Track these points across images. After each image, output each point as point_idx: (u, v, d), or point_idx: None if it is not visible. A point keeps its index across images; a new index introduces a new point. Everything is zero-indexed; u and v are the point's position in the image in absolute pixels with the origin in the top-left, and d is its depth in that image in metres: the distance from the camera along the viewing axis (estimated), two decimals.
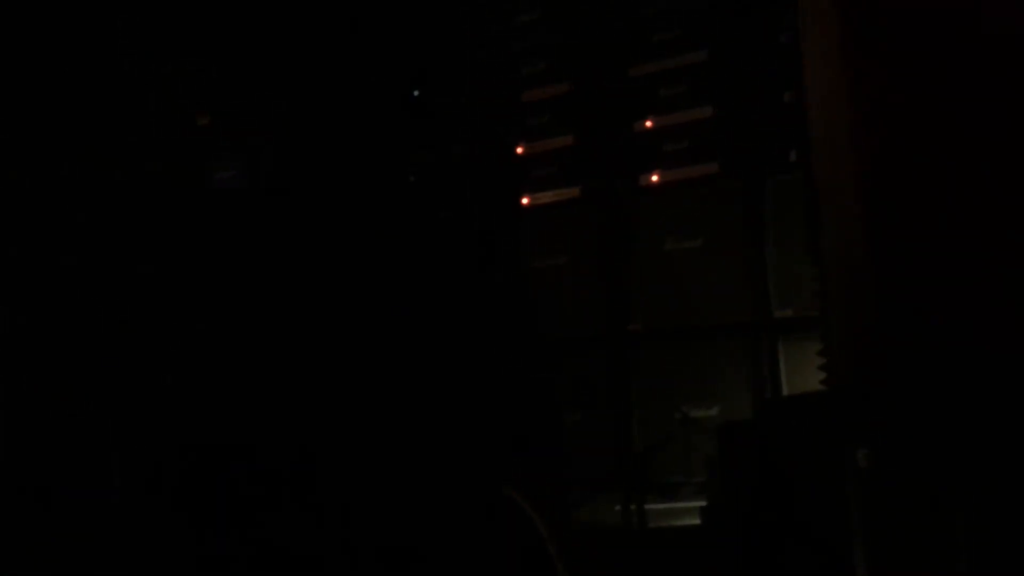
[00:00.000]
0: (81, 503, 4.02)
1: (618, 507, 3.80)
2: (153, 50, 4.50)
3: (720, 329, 3.80)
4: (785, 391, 3.69)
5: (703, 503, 3.28)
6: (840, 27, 2.54)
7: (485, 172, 4.27)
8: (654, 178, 3.96)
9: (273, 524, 3.39)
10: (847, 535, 2.39)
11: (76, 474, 4.11)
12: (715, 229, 3.83)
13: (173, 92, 4.56)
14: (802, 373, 3.48)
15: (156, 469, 4.07)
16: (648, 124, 3.98)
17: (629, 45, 4.02)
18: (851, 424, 2.44)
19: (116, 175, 4.58)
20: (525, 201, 4.19)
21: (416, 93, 4.29)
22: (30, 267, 4.51)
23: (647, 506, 3.77)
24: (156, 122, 4.58)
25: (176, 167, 4.55)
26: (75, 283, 4.51)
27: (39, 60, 4.59)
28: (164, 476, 4.03)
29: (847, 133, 2.54)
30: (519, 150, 4.22)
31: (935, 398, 2.35)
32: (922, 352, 2.39)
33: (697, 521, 3.22)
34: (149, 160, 4.56)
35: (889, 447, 2.36)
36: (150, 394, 4.25)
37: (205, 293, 4.36)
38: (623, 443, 3.89)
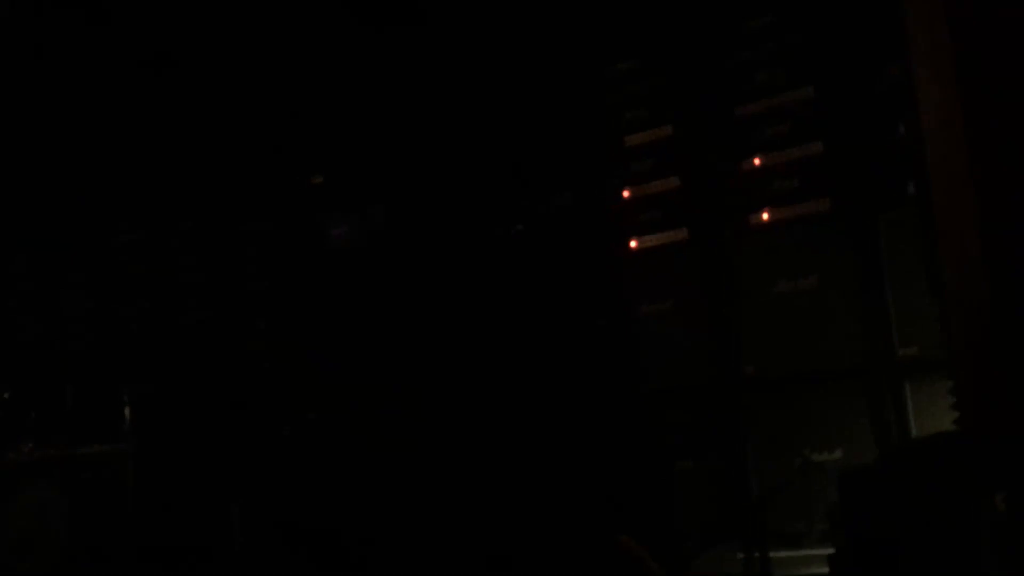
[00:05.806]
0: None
1: (740, 555, 3.70)
2: (270, 112, 4.64)
3: (840, 371, 3.69)
4: (915, 433, 3.56)
5: (829, 551, 3.17)
6: (955, 59, 2.46)
7: (590, 218, 4.25)
8: (764, 216, 3.89)
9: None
10: None
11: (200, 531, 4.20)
12: (829, 267, 3.74)
13: (288, 152, 4.69)
14: (932, 414, 3.35)
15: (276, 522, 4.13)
16: (755, 162, 3.91)
17: (732, 85, 3.97)
18: (986, 467, 2.33)
19: (233, 233, 4.71)
20: (633, 244, 4.15)
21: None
22: (147, 329, 4.64)
23: (770, 554, 3.66)
24: (271, 180, 4.71)
25: (291, 224, 4.66)
26: (195, 340, 4.62)
27: (160, 124, 4.76)
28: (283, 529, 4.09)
29: (965, 166, 2.46)
30: (625, 194, 4.19)
31: None
32: None
33: (824, 570, 3.11)
34: (265, 218, 4.68)
35: None
36: (269, 449, 4.33)
37: (321, 346, 4.44)
38: (741, 491, 3.79)
